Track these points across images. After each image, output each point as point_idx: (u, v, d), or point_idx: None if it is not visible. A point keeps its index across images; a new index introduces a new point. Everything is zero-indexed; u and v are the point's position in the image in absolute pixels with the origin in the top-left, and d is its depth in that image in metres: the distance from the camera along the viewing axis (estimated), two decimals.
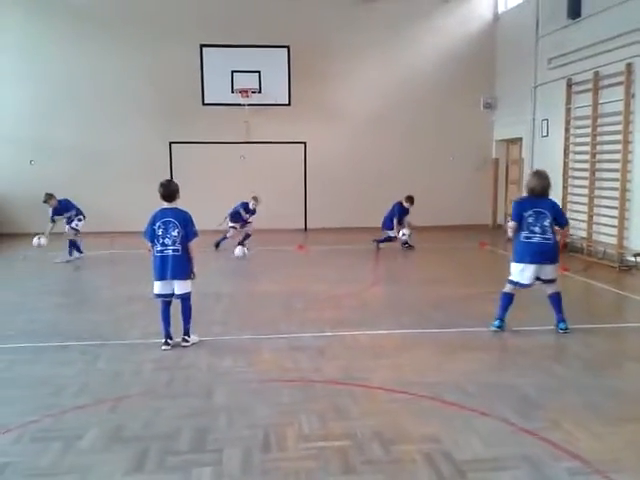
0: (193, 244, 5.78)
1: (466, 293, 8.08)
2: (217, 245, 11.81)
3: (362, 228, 14.50)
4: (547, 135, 12.98)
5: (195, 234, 5.81)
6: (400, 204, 11.87)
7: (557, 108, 12.29)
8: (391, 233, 11.86)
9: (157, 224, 5.73)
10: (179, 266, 5.73)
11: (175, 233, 5.71)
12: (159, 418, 4.19)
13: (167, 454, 3.67)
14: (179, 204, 5.91)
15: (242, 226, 11.86)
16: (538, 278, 6.11)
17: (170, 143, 14.81)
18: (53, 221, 10.81)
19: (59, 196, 10.90)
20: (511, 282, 6.21)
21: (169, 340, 5.81)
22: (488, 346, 5.81)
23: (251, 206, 11.78)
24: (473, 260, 11.21)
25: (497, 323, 6.25)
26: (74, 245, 10.95)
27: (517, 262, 6.14)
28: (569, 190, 11.95)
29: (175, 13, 14.66)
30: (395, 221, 11.75)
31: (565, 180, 11.93)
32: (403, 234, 11.74)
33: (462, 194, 15.51)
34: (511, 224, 6.19)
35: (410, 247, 11.95)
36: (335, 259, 11.10)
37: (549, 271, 6.12)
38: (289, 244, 12.62)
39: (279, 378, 4.95)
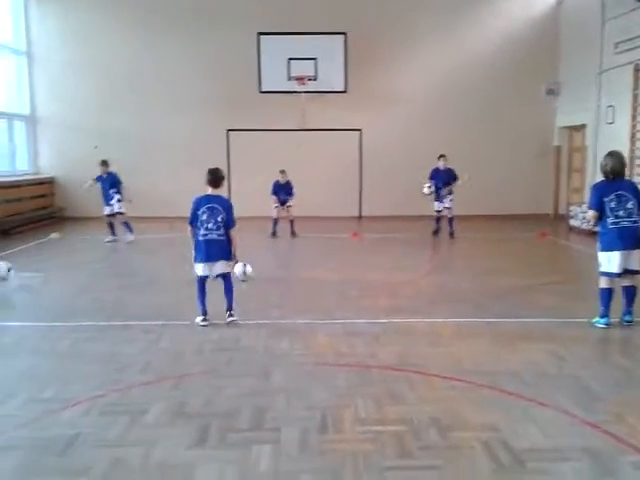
0: (234, 231, 6.11)
1: (525, 284, 7.92)
2: (274, 234, 11.92)
3: (417, 216, 14.38)
4: (613, 122, 12.51)
5: (235, 222, 6.13)
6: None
7: (623, 94, 11.82)
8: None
9: (201, 209, 6.03)
10: (223, 249, 6.07)
11: (219, 219, 6.01)
12: (220, 396, 4.32)
13: (228, 431, 3.77)
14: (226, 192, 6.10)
15: (283, 204, 11.91)
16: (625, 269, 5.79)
17: (227, 130, 15.03)
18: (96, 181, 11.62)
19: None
20: (604, 274, 5.92)
21: (206, 317, 6.09)
22: (548, 337, 5.69)
23: (281, 180, 11.85)
24: (533, 250, 10.95)
25: (604, 320, 5.90)
26: (127, 225, 11.47)
27: (605, 251, 5.86)
28: (635, 179, 11.50)
29: (233, 2, 14.82)
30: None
31: (632, 168, 11.48)
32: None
33: (522, 182, 15.15)
34: (591, 213, 5.94)
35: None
36: (389, 247, 11.06)
37: (634, 259, 5.78)
38: (343, 231, 12.64)
39: (335, 362, 5.01)
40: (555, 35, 15.05)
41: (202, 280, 6.15)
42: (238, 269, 6.32)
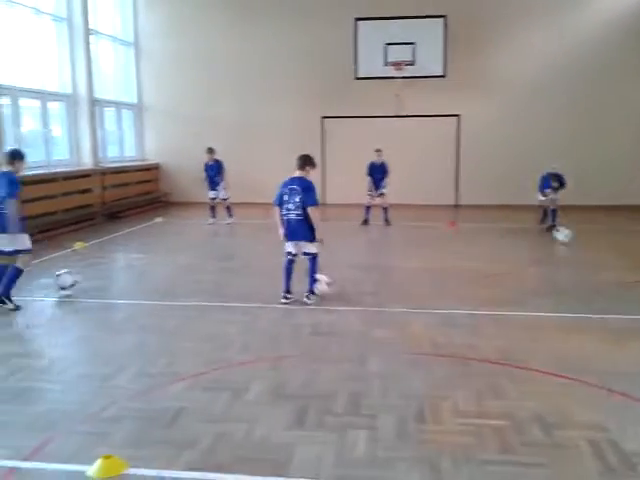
0: (312, 210, 6.22)
1: (635, 279, 7.45)
2: (366, 221, 11.88)
3: (517, 206, 13.89)
4: None
5: (314, 202, 6.25)
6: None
7: None
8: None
9: (284, 190, 6.33)
10: (301, 229, 6.25)
11: (297, 199, 6.22)
12: (316, 379, 4.37)
13: (325, 414, 3.82)
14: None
15: (377, 188, 11.83)
16: None
17: (322, 117, 15.11)
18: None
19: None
20: None
21: (287, 295, 6.32)
22: None
23: (377, 161, 11.79)
24: None
25: None
26: (229, 209, 12.07)
27: None
28: None
29: None
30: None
31: None
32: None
33: (632, 171, 14.22)
34: None
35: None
36: (488, 237, 10.74)
37: None
38: (439, 220, 12.42)
39: (432, 352, 4.93)
40: None
41: (288, 258, 6.40)
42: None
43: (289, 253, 6.42)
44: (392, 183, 12.23)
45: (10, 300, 6.15)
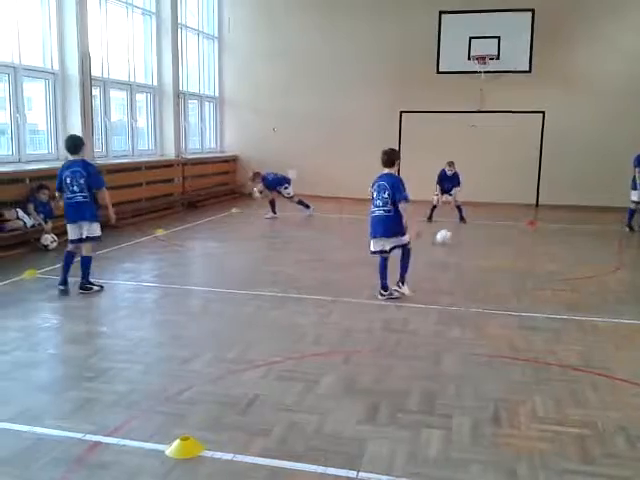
0: (401, 205, 6.15)
1: None
2: (429, 218, 11.66)
3: (602, 207, 13.29)
4: None
5: (404, 198, 6.15)
6: None
7: None
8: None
9: (374, 187, 6.29)
10: (390, 224, 6.19)
11: (385, 195, 6.15)
12: (389, 376, 4.34)
13: (397, 411, 3.78)
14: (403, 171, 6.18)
15: (442, 192, 11.58)
16: None
17: (401, 112, 14.94)
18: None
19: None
20: None
21: (383, 291, 6.28)
22: None
23: (448, 172, 11.50)
24: None
25: None
26: (302, 203, 12.09)
27: None
28: None
29: None
30: None
31: None
32: None
33: None
34: None
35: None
36: (570, 238, 10.31)
37: None
38: (518, 219, 12.04)
39: (510, 355, 4.79)
40: None
41: (381, 257, 6.33)
42: (441, 234, 6.67)
43: (381, 252, 6.29)
44: (470, 180, 11.96)
45: (93, 284, 6.47)
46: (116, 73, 12.05)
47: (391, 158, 6.30)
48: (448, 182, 11.59)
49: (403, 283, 6.40)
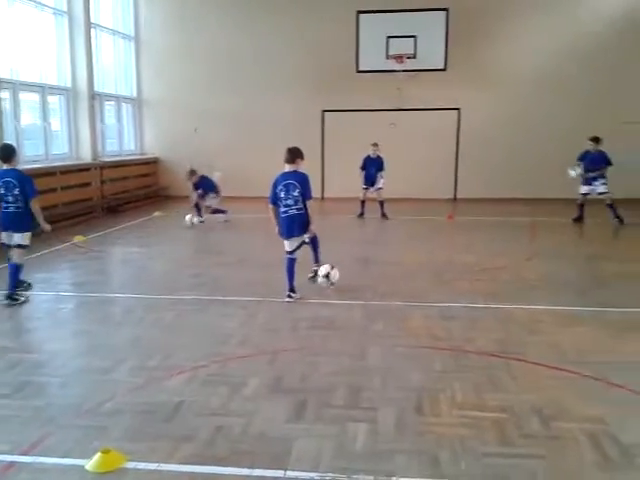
0: (309, 203, 6.19)
1: (633, 271, 7.45)
2: (361, 214, 11.87)
3: (517, 199, 13.91)
4: None
5: (311, 195, 6.21)
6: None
7: None
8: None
9: (279, 187, 6.20)
10: (304, 222, 6.24)
11: (296, 193, 6.15)
12: (315, 373, 4.37)
13: (324, 407, 3.82)
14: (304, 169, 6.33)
15: (372, 184, 11.77)
16: None
17: (323, 111, 15.06)
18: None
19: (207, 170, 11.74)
20: None
21: (292, 293, 6.26)
22: None
23: (372, 154, 11.73)
24: None
25: None
26: (217, 211, 11.61)
27: None
28: None
29: None
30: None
31: None
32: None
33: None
34: None
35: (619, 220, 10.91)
36: (487, 230, 10.73)
37: None
38: (437, 214, 12.40)
39: (431, 345, 4.93)
40: None
41: (289, 258, 6.33)
42: (323, 273, 6.50)
43: (290, 252, 6.32)
44: (392, 177, 12.21)
45: (20, 295, 6.23)
46: (27, 75, 11.50)
47: (294, 156, 6.26)
48: (372, 166, 11.80)
49: (318, 261, 6.73)
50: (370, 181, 11.80)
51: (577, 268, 7.87)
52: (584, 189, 11.14)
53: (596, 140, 10.96)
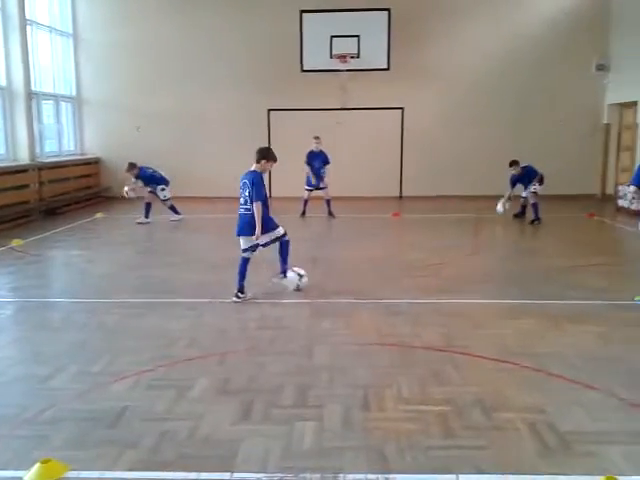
0: (255, 205, 6.07)
1: (572, 265, 7.74)
2: (303, 213, 11.90)
3: (460, 196, 14.25)
4: None
5: (257, 197, 6.05)
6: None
7: None
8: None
9: (240, 185, 6.24)
10: (250, 223, 6.14)
11: (246, 193, 6.16)
12: (263, 373, 4.36)
13: (271, 407, 3.81)
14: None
15: (317, 185, 11.81)
16: None
17: (269, 110, 15.01)
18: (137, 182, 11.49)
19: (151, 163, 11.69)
20: None
21: (240, 294, 6.20)
22: (595, 319, 5.56)
23: (315, 149, 11.78)
24: (580, 231, 10.66)
25: None
26: (173, 208, 11.64)
27: None
28: None
29: None
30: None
31: None
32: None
33: (568, 162, 14.66)
34: (632, 188, 5.88)
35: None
36: (431, 227, 10.93)
37: None
38: (383, 212, 12.55)
39: (377, 342, 4.99)
40: (607, 8, 14.45)
41: (243, 257, 6.29)
42: (292, 279, 6.48)
43: (244, 250, 6.29)
44: (338, 176, 12.30)
45: None
46: None
47: (258, 156, 6.24)
48: (317, 160, 11.82)
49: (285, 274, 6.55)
50: (316, 176, 11.79)
51: (519, 262, 8.10)
52: (523, 194, 11.49)
53: (515, 163, 11.27)
